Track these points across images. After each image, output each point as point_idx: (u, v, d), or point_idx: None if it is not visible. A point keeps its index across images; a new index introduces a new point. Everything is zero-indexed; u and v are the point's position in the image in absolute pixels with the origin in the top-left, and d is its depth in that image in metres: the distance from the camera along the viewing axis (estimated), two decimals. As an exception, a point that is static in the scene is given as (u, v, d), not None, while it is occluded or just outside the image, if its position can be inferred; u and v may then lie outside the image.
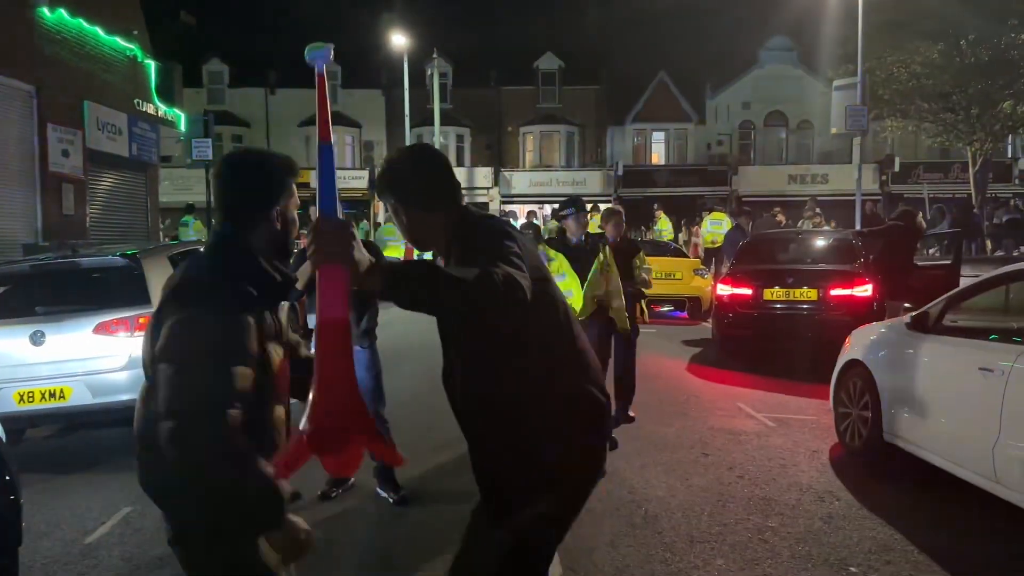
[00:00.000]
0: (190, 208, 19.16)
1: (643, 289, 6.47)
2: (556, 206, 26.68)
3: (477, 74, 33.46)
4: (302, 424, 1.62)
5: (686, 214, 23.99)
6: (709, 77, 33.59)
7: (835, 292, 8.84)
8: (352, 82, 33.70)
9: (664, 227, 18.59)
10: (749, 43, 33.48)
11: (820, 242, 10.62)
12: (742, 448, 5.89)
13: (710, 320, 11.23)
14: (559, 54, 34.38)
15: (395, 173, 2.12)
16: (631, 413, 6.55)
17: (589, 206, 8.23)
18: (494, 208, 31.17)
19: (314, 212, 4.68)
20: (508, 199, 32.49)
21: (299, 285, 4.64)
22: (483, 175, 33.42)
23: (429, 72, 29.88)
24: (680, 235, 21.18)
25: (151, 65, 17.17)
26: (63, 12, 13.82)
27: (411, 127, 28.41)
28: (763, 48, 33.89)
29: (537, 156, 35.08)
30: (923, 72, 22.69)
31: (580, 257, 5.66)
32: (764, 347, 9.25)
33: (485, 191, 32.91)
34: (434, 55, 28.68)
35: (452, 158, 33.38)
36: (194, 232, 17.67)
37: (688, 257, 15.75)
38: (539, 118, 34.60)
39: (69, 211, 14.19)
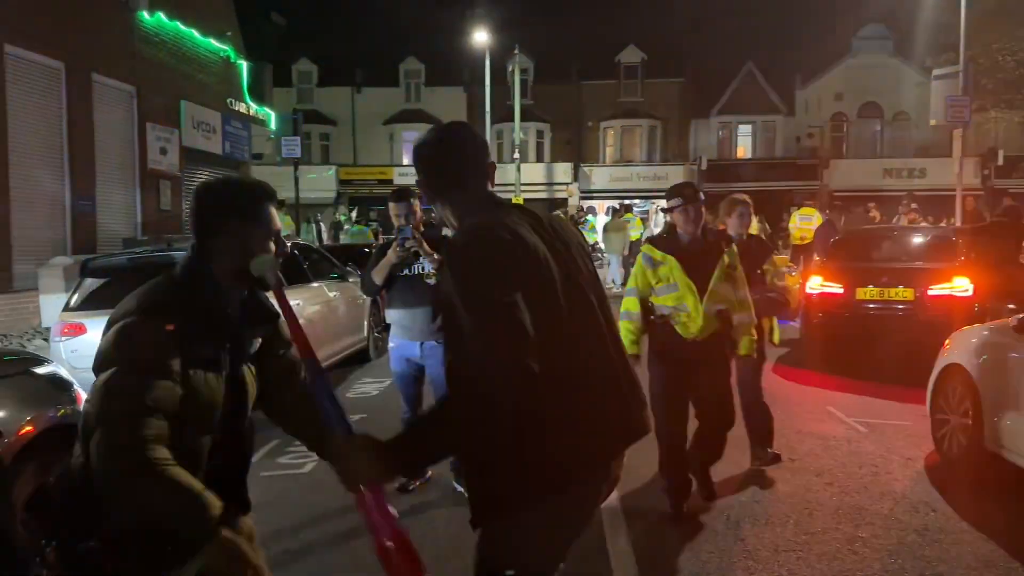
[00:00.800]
0: (280, 204, 19.73)
1: (785, 298, 5.46)
2: (628, 201, 26.44)
3: (558, 69, 33.34)
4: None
5: (773, 210, 23.23)
6: (799, 67, 32.55)
7: (933, 292, 8.41)
8: (434, 80, 34.14)
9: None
10: (842, 32, 32.32)
11: (917, 239, 10.10)
12: (831, 454, 5.66)
13: (798, 319, 10.89)
14: (641, 47, 33.91)
15: (418, 149, 2.11)
16: (769, 450, 5.35)
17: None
18: (573, 204, 31.03)
19: (391, 208, 4.66)
20: (587, 195, 32.29)
21: (378, 280, 4.71)
22: (563, 170, 33.34)
23: (510, 68, 29.93)
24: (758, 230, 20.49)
25: (243, 65, 17.80)
26: (161, 15, 14.45)
27: (491, 123, 28.55)
28: (856, 37, 32.67)
29: (618, 151, 34.72)
30: (1032, 60, 21.48)
31: (697, 260, 4.38)
32: (856, 349, 8.88)
33: (564, 187, 32.82)
34: (515, 51, 28.71)
35: (531, 154, 33.40)
36: (283, 228, 18.23)
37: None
38: (620, 112, 34.24)
39: (166, 206, 14.86)
